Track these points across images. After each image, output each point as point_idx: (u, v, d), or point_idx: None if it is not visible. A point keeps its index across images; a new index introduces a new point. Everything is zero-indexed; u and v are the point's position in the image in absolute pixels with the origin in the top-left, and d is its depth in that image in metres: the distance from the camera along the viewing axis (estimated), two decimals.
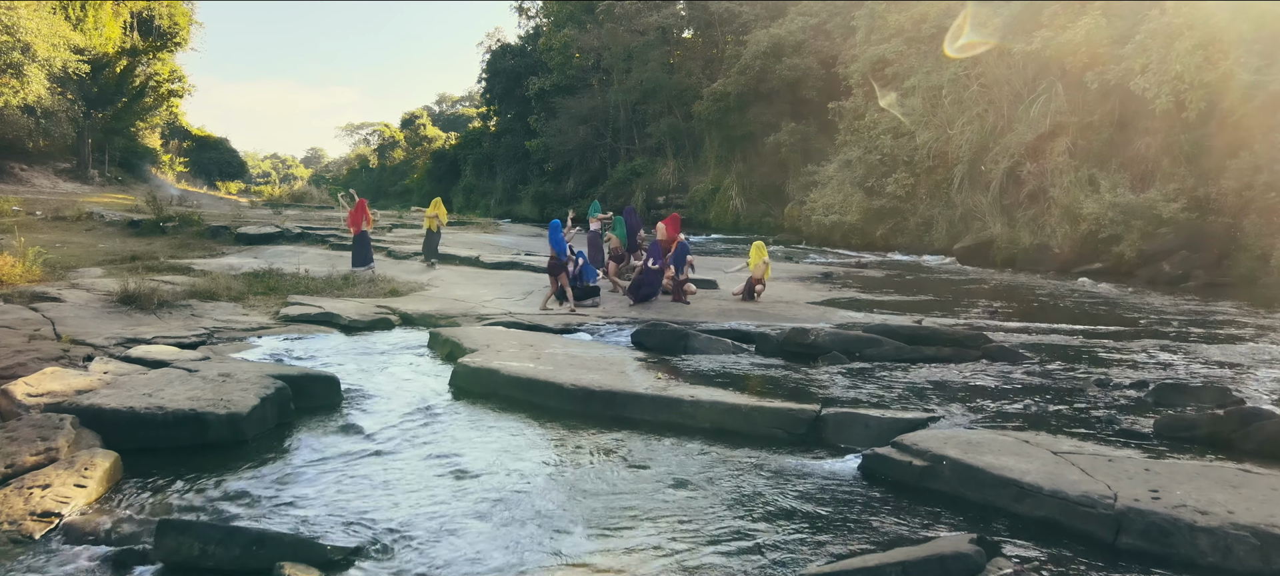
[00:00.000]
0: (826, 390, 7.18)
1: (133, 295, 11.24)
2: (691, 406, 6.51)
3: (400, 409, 7.04)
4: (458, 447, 5.94)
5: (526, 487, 5.11)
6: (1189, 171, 18.61)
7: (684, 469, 5.51)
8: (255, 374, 6.73)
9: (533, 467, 5.51)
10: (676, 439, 6.21)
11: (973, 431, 5.66)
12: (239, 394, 6.26)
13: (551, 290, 12.16)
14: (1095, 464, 4.85)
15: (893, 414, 6.09)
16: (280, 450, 5.92)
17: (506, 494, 5.00)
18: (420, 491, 5.05)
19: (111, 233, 20.92)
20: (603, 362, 8.07)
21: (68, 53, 27.07)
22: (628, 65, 46.78)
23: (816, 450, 5.91)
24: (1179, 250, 17.03)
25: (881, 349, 8.43)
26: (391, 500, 4.89)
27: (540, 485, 5.15)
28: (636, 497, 4.96)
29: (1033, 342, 9.53)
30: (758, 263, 12.90)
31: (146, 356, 7.60)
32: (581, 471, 5.44)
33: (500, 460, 5.67)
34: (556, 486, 5.15)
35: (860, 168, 28.54)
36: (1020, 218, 22.57)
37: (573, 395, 6.93)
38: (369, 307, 11.85)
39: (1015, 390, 7.24)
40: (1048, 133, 22.65)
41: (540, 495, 4.97)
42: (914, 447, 5.23)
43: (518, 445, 6.03)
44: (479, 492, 5.02)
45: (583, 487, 5.12)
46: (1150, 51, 19.35)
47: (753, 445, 6.05)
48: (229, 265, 15.65)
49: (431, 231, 17.37)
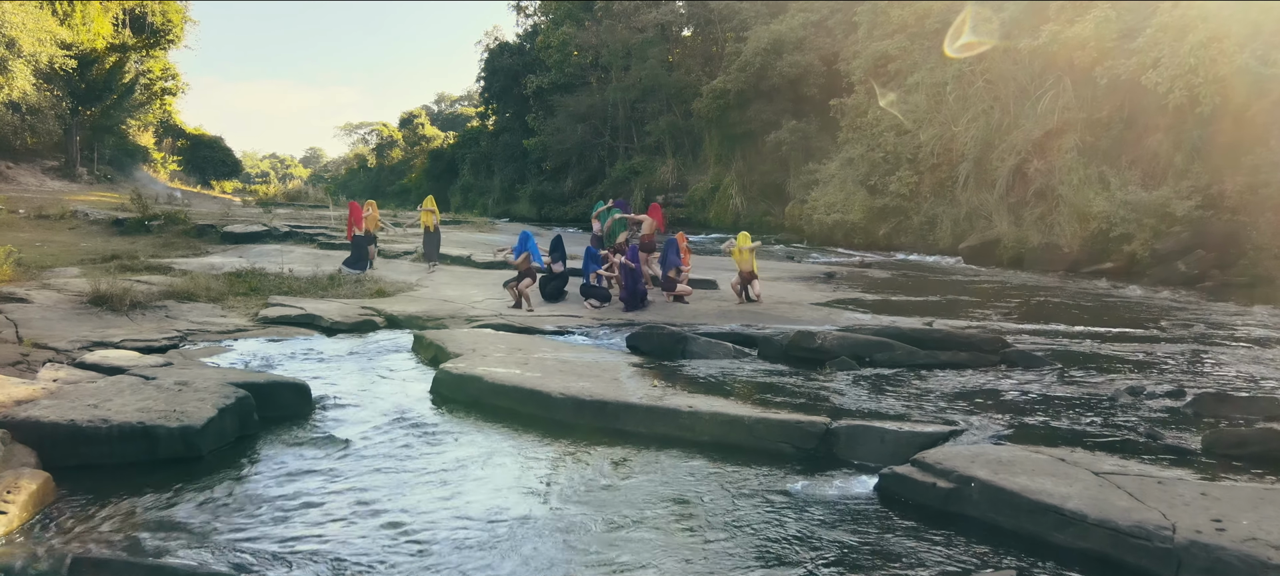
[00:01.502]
0: (836, 399, 6.64)
1: (104, 296, 10.75)
2: (690, 418, 5.97)
3: (375, 419, 6.50)
4: (431, 466, 5.40)
5: (503, 514, 4.57)
6: (1202, 168, 18.07)
7: (681, 489, 4.97)
8: (215, 382, 6.19)
9: (513, 492, 4.97)
10: (673, 453, 5.67)
11: (1001, 447, 5.11)
12: (195, 404, 5.73)
13: (522, 289, 11.79)
14: (1144, 487, 4.31)
15: (910, 427, 5.55)
16: (237, 467, 5.38)
17: (480, 525, 4.46)
18: (383, 520, 4.51)
19: (95, 231, 20.38)
20: (595, 368, 7.54)
21: (54, 48, 26.49)
22: (626, 62, 46.23)
23: (827, 468, 5.37)
24: (1194, 249, 16.48)
25: (893, 353, 7.88)
26: (351, 531, 4.35)
27: (520, 512, 4.61)
28: (626, 526, 4.43)
29: (1051, 346, 9.00)
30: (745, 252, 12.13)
31: (103, 362, 7.07)
32: (566, 494, 4.90)
33: (476, 482, 5.14)
34: (538, 513, 4.61)
35: (863, 165, 27.98)
36: (1027, 216, 22.02)
37: (561, 404, 6.39)
38: (353, 309, 11.33)
39: (1040, 399, 6.69)
40: (1055, 129, 22.10)
41: (520, 526, 4.43)
42: (937, 466, 4.69)
43: (498, 464, 5.49)
44: (448, 523, 4.48)
45: (566, 515, 4.59)
46: (1161, 45, 18.81)
47: (757, 461, 5.51)
48: (211, 264, 15.11)
49: (429, 230, 16.38)
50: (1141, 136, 20.11)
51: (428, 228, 16.33)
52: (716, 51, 44.10)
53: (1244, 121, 17.17)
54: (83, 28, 29.70)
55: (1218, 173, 17.59)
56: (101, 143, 36.46)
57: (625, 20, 45.63)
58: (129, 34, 38.06)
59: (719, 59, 42.32)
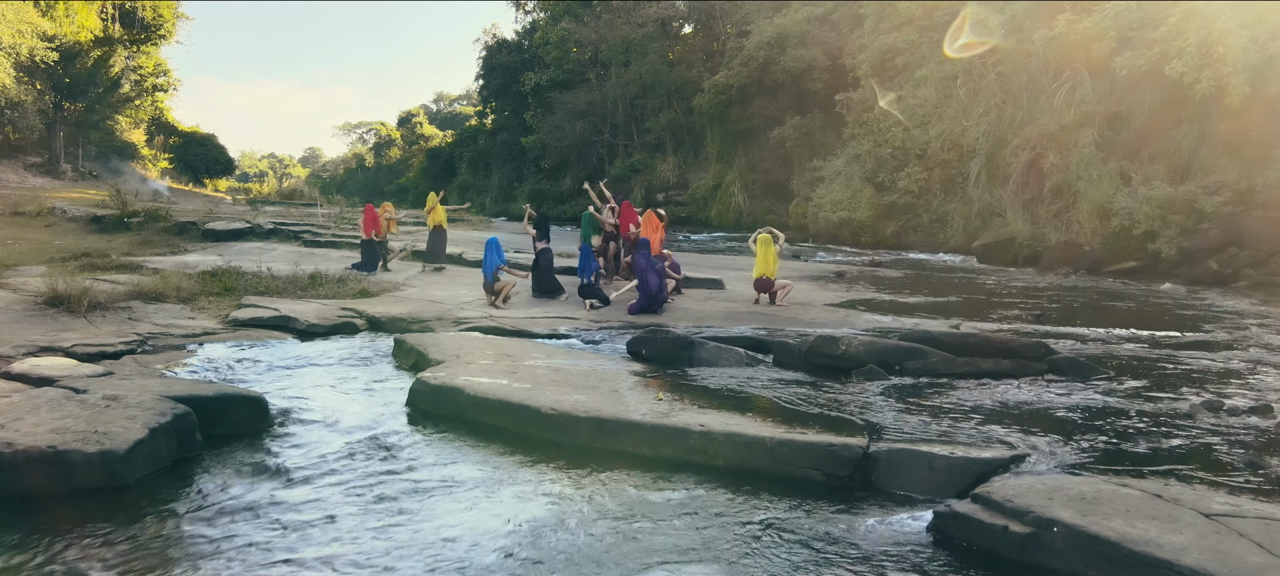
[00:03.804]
0: (868, 415, 5.79)
1: (61, 297, 9.94)
2: (701, 438, 5.13)
3: (340, 438, 5.67)
4: (395, 500, 4.55)
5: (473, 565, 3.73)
6: (1231, 162, 17.23)
7: (691, 531, 4.13)
8: (152, 396, 5.34)
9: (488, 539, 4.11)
10: (682, 481, 4.84)
11: (1081, 479, 4.25)
12: (122, 424, 4.89)
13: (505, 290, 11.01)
14: (1273, 535, 3.46)
15: (964, 452, 4.70)
16: (167, 501, 4.54)
17: None
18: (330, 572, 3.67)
19: (72, 229, 19.55)
20: (592, 378, 6.69)
21: (36, 39, 25.60)
22: (626, 58, 45.35)
23: (865, 500, 4.53)
24: (1226, 247, 15.62)
25: (927, 361, 7.03)
26: None
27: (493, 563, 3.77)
28: None
29: (1093, 351, 8.16)
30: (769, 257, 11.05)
31: (31, 372, 6.22)
32: (552, 543, 4.05)
33: (447, 521, 4.29)
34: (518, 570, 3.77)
35: (870, 162, 27.10)
36: (1043, 213, 21.17)
37: (552, 422, 5.55)
38: (332, 310, 10.51)
39: (1102, 415, 5.84)
40: (1072, 123, 21.25)
41: None
42: (1008, 504, 3.84)
43: (474, 498, 4.63)
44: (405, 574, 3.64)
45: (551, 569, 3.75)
46: (1187, 34, 17.96)
47: (781, 491, 4.67)
48: (185, 263, 14.27)
49: (436, 229, 14.82)
50: (1164, 130, 19.26)
51: (435, 225, 14.86)
52: (718, 48, 43.22)
53: (1277, 113, 16.32)
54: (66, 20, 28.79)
55: (1248, 167, 16.75)
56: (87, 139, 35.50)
57: (625, 15, 44.75)
58: (118, 28, 37.18)
59: (720, 55, 41.44)
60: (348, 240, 17.77)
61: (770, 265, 10.97)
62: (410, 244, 17.26)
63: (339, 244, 17.77)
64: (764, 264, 10.98)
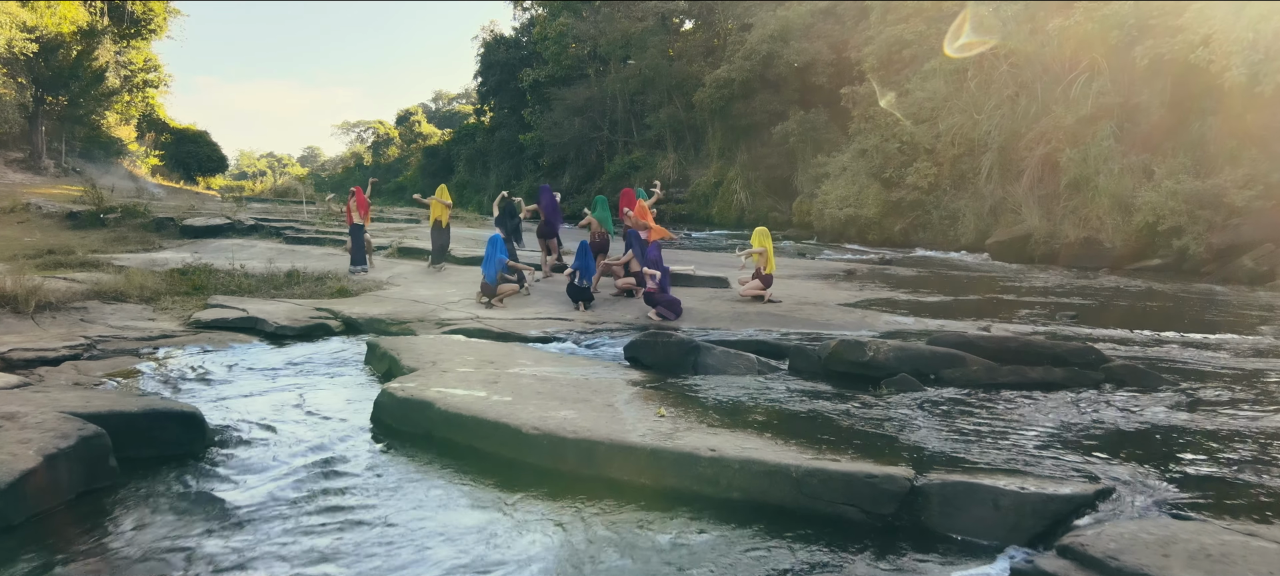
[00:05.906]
0: (908, 435, 4.93)
1: (7, 296, 9.10)
2: (712, 466, 4.27)
3: (289, 460, 4.83)
4: (340, 545, 3.70)
5: None
6: (1261, 154, 16.36)
7: None
8: (55, 414, 4.49)
9: None
10: (689, 520, 3.99)
11: (1195, 525, 3.39)
12: (11, 449, 4.04)
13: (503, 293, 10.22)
14: None
15: (1036, 486, 3.83)
16: (59, 548, 3.70)
17: None
18: None
19: (46, 225, 18.72)
20: (584, 388, 5.84)
21: (14, 30, 24.69)
22: (625, 54, 44.46)
23: (916, 546, 3.68)
24: (1261, 243, 14.75)
25: (966, 370, 6.16)
26: None
27: None
28: None
29: (1149, 355, 7.30)
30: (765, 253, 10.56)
31: None
32: None
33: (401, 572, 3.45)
34: None
35: (877, 157, 26.19)
36: (1060, 209, 20.27)
37: (535, 444, 4.70)
38: (305, 311, 9.68)
39: (1184, 434, 4.97)
40: (1089, 115, 20.35)
41: None
42: (1112, 563, 2.99)
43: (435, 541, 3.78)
44: None
45: None
46: (1214, 19, 17.09)
47: (810, 532, 3.83)
48: (155, 260, 13.44)
49: (440, 225, 13.60)
50: (1189, 121, 18.39)
51: (438, 222, 13.62)
52: (718, 42, 42.33)
53: None
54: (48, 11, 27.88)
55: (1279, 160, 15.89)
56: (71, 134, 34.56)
57: (624, 10, 43.85)
58: (107, 21, 36.27)
59: (721, 49, 40.55)
60: (332, 236, 16.92)
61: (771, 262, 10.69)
62: (397, 241, 16.43)
63: (322, 240, 16.92)
64: (772, 260, 10.54)
